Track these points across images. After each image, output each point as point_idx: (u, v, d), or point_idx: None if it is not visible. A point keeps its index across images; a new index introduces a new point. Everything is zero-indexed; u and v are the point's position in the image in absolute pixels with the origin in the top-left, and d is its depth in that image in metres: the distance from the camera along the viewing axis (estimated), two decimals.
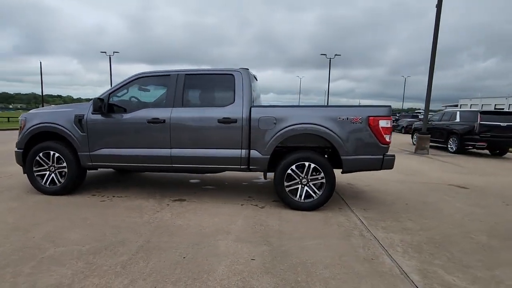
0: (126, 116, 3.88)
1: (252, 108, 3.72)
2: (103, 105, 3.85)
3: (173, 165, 3.86)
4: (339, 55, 26.07)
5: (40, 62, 32.36)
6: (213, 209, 3.66)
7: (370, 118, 3.56)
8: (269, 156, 3.68)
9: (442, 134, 11.73)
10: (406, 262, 2.47)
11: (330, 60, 25.93)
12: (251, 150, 3.72)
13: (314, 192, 3.67)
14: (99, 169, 5.39)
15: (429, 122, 12.89)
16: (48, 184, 4.06)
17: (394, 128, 24.33)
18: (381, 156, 3.61)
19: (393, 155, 3.69)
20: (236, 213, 3.56)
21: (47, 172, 4.06)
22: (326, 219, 3.45)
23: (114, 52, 27.92)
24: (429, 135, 10.86)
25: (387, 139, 3.62)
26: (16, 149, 4.13)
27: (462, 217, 3.69)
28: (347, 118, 3.58)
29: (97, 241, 2.68)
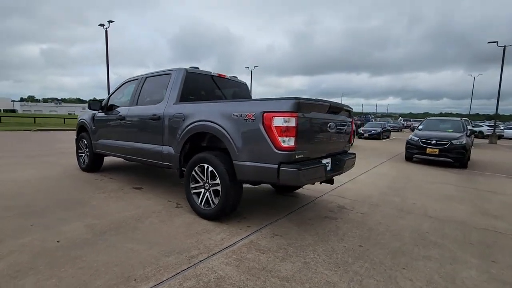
0: (112, 113, 4.78)
1: (173, 105, 3.68)
2: (103, 106, 4.94)
3: (128, 156, 4.41)
4: None
5: None
6: (140, 201, 3.86)
7: (264, 114, 2.72)
8: (179, 154, 3.53)
9: None
10: None
11: (504, 49, 18.48)
12: (169, 147, 3.69)
13: (213, 200, 3.18)
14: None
15: None
16: (82, 164, 5.61)
17: None
18: (276, 166, 2.66)
19: (297, 167, 2.60)
20: (148, 206, 3.63)
21: (83, 155, 5.63)
22: (204, 231, 2.93)
23: (254, 67, 32.47)
24: None
25: (284, 144, 2.62)
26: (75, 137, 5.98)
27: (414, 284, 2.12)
28: (241, 115, 2.89)
29: (24, 201, 3.60)
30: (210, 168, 3.14)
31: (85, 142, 5.48)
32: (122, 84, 4.93)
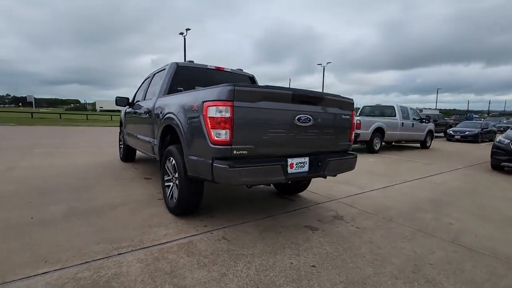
0: (133, 108, 5.20)
1: (158, 99, 3.74)
2: (129, 102, 5.42)
3: (137, 148, 4.72)
4: None
5: (289, 80, 42.36)
6: (135, 190, 4.07)
7: (204, 103, 2.45)
8: (159, 147, 3.55)
9: None
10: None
11: None
12: (155, 139, 3.76)
13: (175, 195, 3.09)
14: None
15: None
16: (121, 154, 6.34)
17: None
18: (209, 161, 2.36)
19: (228, 164, 2.25)
20: (136, 196, 3.79)
21: (121, 147, 6.35)
22: (158, 224, 2.87)
23: (327, 63, 31.10)
24: None
25: (219, 137, 2.30)
26: None
27: None
28: (190, 106, 2.69)
29: (53, 182, 4.24)
30: (174, 162, 3.06)
31: (122, 135, 6.16)
32: (144, 81, 5.32)
